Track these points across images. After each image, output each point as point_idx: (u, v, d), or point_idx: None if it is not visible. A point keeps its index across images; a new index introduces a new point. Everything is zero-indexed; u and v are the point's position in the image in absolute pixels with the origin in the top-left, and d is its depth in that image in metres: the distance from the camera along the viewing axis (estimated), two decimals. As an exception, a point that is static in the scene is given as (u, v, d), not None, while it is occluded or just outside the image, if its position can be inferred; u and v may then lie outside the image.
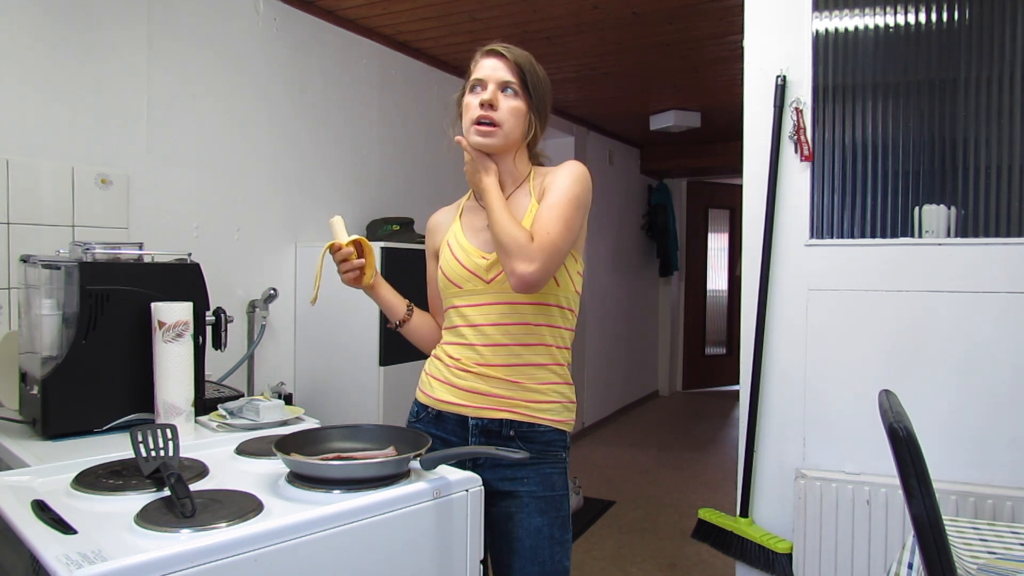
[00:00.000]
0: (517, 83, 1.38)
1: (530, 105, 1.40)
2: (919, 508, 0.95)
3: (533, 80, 1.39)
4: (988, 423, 1.87)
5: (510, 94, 1.38)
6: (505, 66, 1.38)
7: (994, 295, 1.86)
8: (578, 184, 1.36)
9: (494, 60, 1.39)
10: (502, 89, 1.38)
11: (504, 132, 1.37)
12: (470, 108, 1.39)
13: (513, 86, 1.38)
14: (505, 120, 1.37)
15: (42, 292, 1.54)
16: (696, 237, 7.26)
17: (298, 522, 0.97)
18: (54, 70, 2.11)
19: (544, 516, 1.37)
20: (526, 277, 1.27)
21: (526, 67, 1.39)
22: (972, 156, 1.92)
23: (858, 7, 2.01)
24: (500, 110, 1.36)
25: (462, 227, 1.47)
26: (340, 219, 1.45)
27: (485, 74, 1.38)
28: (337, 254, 1.43)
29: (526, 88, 1.38)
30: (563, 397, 1.41)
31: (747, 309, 2.12)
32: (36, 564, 0.87)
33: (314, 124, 2.99)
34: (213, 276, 1.76)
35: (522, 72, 1.38)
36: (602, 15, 3.05)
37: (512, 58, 1.38)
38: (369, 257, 1.46)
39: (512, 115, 1.37)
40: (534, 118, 1.41)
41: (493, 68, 1.38)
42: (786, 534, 2.07)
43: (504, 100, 1.37)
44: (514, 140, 1.40)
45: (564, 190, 1.34)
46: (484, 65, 1.40)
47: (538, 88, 1.41)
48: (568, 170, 1.38)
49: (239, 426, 1.59)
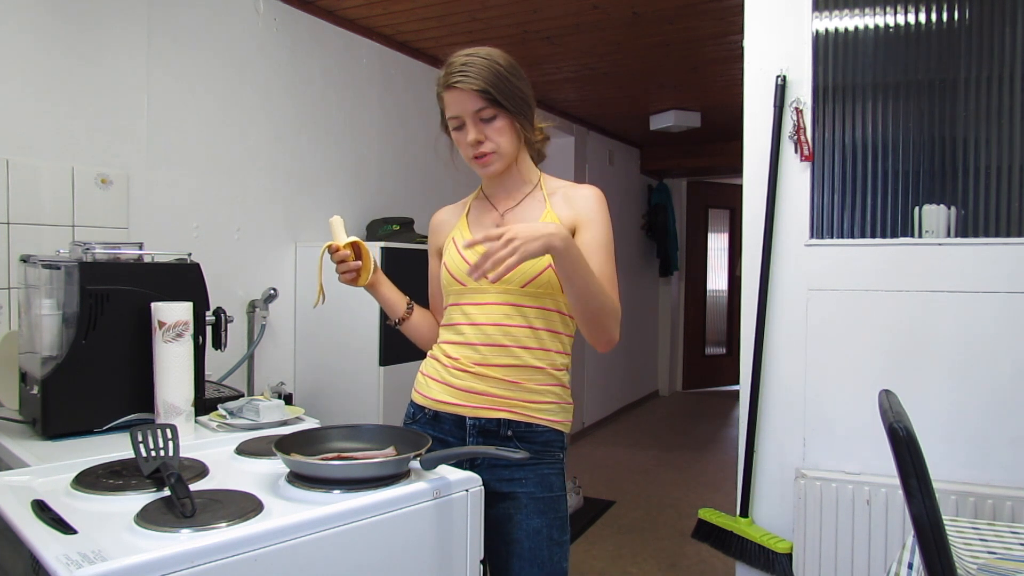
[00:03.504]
0: (488, 105, 1.34)
1: (511, 115, 1.37)
2: (919, 508, 0.95)
3: (502, 90, 1.34)
4: (988, 423, 1.87)
5: (488, 119, 1.35)
6: (469, 97, 1.33)
7: (994, 295, 1.86)
8: (607, 218, 1.41)
9: (457, 95, 1.34)
10: (479, 120, 1.35)
11: (501, 153, 1.38)
12: (461, 145, 1.40)
13: (486, 112, 1.34)
14: (498, 144, 1.37)
15: (42, 292, 1.54)
16: (696, 237, 7.26)
17: (298, 522, 0.97)
18: (54, 70, 2.11)
19: (543, 517, 1.36)
20: (615, 340, 1.36)
21: (490, 82, 1.33)
22: (972, 156, 1.92)
23: (858, 7, 2.01)
24: (488, 139, 1.36)
25: (469, 225, 1.47)
26: (339, 219, 1.45)
27: (456, 111, 1.36)
28: (335, 255, 1.43)
29: (499, 104, 1.34)
30: (560, 398, 1.41)
31: (747, 309, 2.12)
32: (36, 564, 0.87)
33: (314, 124, 2.99)
34: (213, 276, 1.76)
35: (488, 93, 1.33)
36: (602, 15, 3.05)
37: (472, 87, 1.32)
38: (366, 259, 1.46)
39: (500, 134, 1.36)
40: (520, 123, 1.39)
41: (460, 104, 1.34)
42: (786, 534, 2.07)
43: (487, 127, 1.36)
44: (513, 153, 1.40)
45: (603, 233, 1.39)
46: (451, 103, 1.36)
47: (510, 93, 1.35)
48: (597, 205, 1.40)
49: (239, 426, 1.59)
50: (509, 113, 1.36)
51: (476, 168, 1.41)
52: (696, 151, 6.08)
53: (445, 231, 1.52)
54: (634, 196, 6.30)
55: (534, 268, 1.34)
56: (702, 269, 7.35)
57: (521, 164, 1.45)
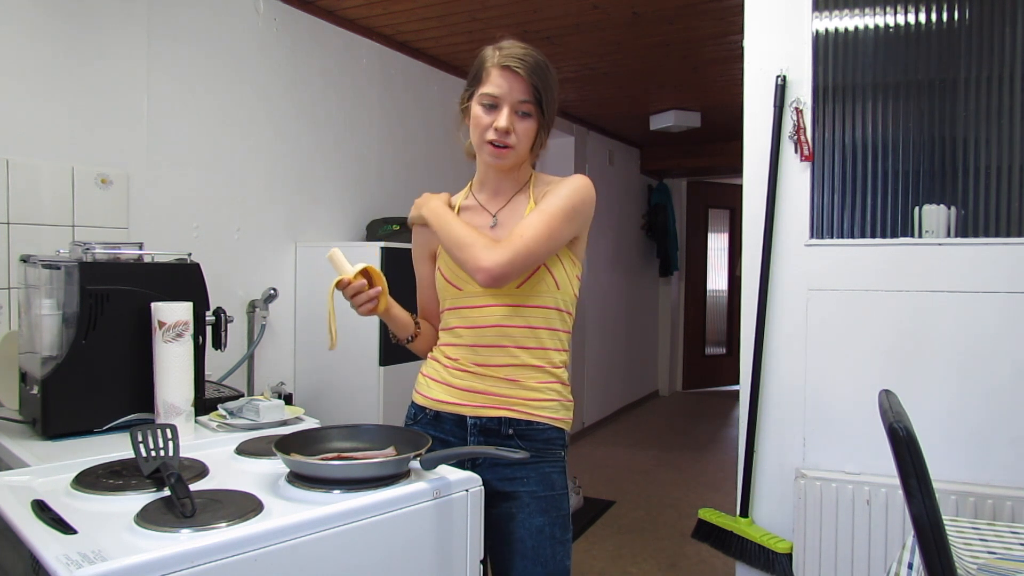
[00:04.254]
0: (532, 103, 1.33)
1: (541, 123, 1.36)
2: (919, 508, 0.95)
3: (547, 96, 1.34)
4: (988, 423, 1.87)
5: (523, 115, 1.34)
6: (521, 86, 1.32)
7: (994, 295, 1.86)
8: (575, 195, 1.35)
9: (510, 78, 1.32)
10: (516, 111, 1.33)
11: (517, 152, 1.37)
12: (481, 125, 1.35)
13: (527, 107, 1.33)
14: (519, 142, 1.36)
15: (42, 292, 1.54)
16: (696, 237, 7.26)
17: (298, 522, 0.97)
18: (54, 70, 2.11)
19: (545, 515, 1.37)
20: (492, 269, 1.27)
21: (541, 85, 1.33)
22: (972, 156, 1.92)
23: (858, 7, 2.01)
24: (515, 133, 1.34)
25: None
26: (338, 251, 1.33)
27: (500, 93, 1.33)
28: (347, 290, 1.31)
29: (540, 106, 1.34)
30: (560, 395, 1.41)
31: (747, 309, 2.12)
32: (36, 564, 0.87)
33: (314, 124, 2.99)
34: (213, 276, 1.76)
35: (537, 92, 1.33)
36: (602, 15, 3.05)
37: (528, 77, 1.31)
38: (380, 283, 1.33)
39: (526, 136, 1.36)
40: (543, 134, 1.39)
41: (509, 88, 1.32)
42: (786, 534, 2.07)
43: (518, 122, 1.34)
44: (524, 157, 1.40)
45: (557, 200, 1.34)
46: (498, 82, 1.33)
47: (551, 104, 1.36)
48: (569, 182, 1.38)
49: (239, 426, 1.59)
50: (542, 119, 1.36)
51: (486, 154, 1.38)
52: (696, 151, 6.07)
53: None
54: (634, 196, 6.30)
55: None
56: (702, 269, 7.35)
57: (521, 168, 1.45)
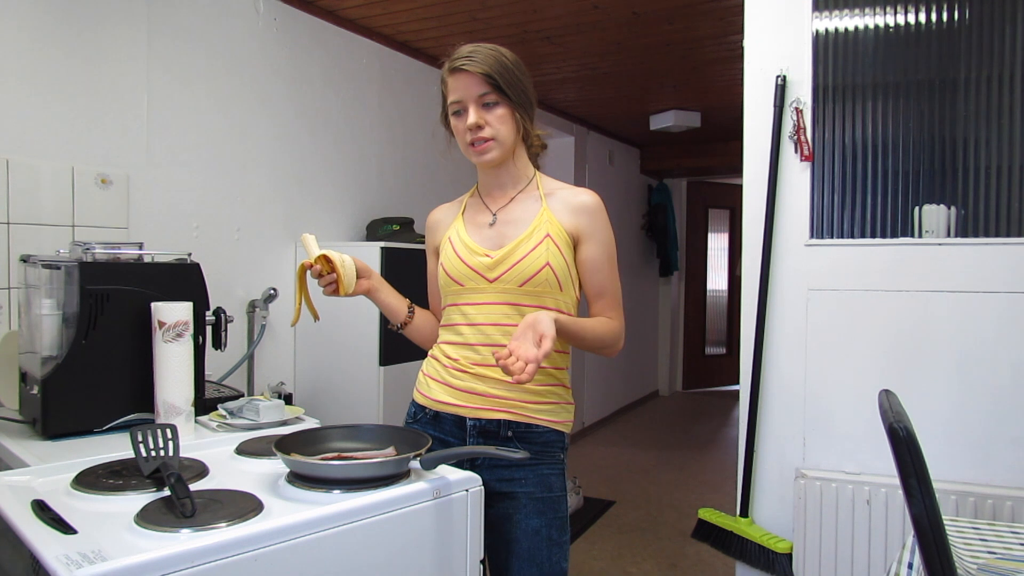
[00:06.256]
0: (492, 91, 1.35)
1: (512, 105, 1.37)
2: (919, 508, 0.94)
3: (506, 79, 1.36)
4: (988, 423, 1.87)
5: (490, 105, 1.36)
6: (475, 80, 1.35)
7: (994, 295, 1.86)
8: (609, 226, 1.43)
9: (463, 77, 1.35)
10: (481, 105, 1.36)
11: (500, 141, 1.38)
12: (459, 131, 1.39)
13: (490, 97, 1.35)
14: (497, 131, 1.37)
15: (42, 292, 1.54)
16: (696, 237, 7.26)
17: (298, 522, 0.97)
18: (54, 70, 2.11)
19: (542, 517, 1.36)
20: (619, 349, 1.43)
21: (495, 70, 1.35)
22: (972, 156, 1.92)
23: (858, 7, 2.01)
24: (488, 124, 1.36)
25: (465, 224, 1.46)
26: (310, 236, 1.44)
27: (459, 95, 1.37)
28: (311, 271, 1.40)
29: (502, 91, 1.36)
30: (561, 398, 1.41)
31: (747, 309, 2.12)
32: (36, 564, 0.87)
33: (314, 124, 2.99)
34: (213, 276, 1.76)
35: (492, 79, 1.35)
36: (602, 15, 3.05)
37: (477, 70, 1.34)
38: (339, 268, 1.41)
39: (500, 122, 1.37)
40: (520, 115, 1.39)
41: (465, 87, 1.36)
42: (786, 534, 2.07)
43: (488, 113, 1.36)
44: (511, 144, 1.40)
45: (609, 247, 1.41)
46: (455, 86, 1.37)
47: (514, 84, 1.37)
48: (600, 215, 1.41)
49: (239, 426, 1.59)
50: (511, 102, 1.37)
51: (473, 156, 1.40)
52: (696, 151, 6.08)
53: (441, 230, 1.51)
54: (634, 196, 6.30)
55: (532, 267, 1.34)
56: (702, 269, 7.35)
57: (518, 160, 1.45)
